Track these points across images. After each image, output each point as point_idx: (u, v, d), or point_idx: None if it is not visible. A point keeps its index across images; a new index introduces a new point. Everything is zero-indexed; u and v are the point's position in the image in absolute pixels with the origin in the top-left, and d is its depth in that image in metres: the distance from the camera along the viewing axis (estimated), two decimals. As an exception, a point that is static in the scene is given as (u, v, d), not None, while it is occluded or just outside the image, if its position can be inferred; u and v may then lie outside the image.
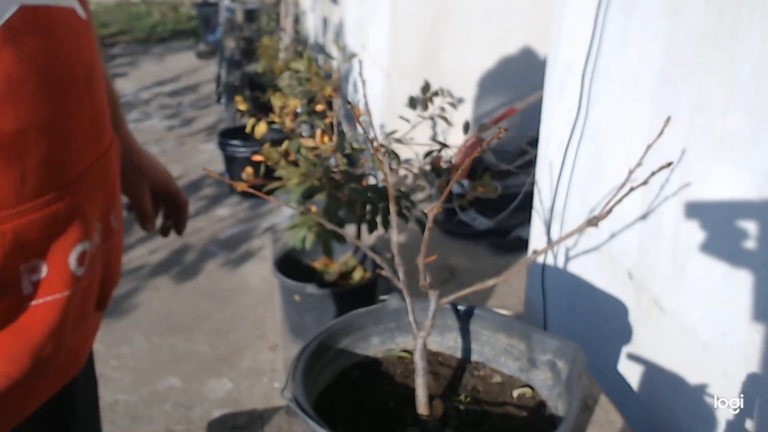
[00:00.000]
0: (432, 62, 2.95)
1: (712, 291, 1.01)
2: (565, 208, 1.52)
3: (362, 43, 3.53)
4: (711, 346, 1.02)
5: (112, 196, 0.72)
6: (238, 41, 4.09)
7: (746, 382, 0.95)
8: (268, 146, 1.69)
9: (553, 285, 1.59)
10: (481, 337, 0.87)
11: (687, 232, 1.06)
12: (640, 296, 1.22)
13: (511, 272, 0.70)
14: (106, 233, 0.71)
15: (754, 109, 0.89)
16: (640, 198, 1.19)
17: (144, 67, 6.17)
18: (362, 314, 0.87)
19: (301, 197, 1.57)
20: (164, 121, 4.54)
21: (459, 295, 0.75)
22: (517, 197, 2.79)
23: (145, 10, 9.02)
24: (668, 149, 1.08)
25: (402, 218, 1.72)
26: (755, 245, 0.91)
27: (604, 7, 1.27)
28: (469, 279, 2.46)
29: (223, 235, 2.92)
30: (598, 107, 1.34)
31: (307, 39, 5.52)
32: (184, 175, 3.56)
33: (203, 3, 7.12)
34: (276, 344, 2.13)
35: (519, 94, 3.00)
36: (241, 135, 3.18)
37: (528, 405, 0.79)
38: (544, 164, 1.63)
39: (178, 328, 2.23)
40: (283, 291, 1.88)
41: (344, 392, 0.81)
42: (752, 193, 0.91)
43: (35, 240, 0.60)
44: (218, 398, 1.90)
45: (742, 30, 0.90)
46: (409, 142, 2.24)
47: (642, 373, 1.23)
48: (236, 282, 2.53)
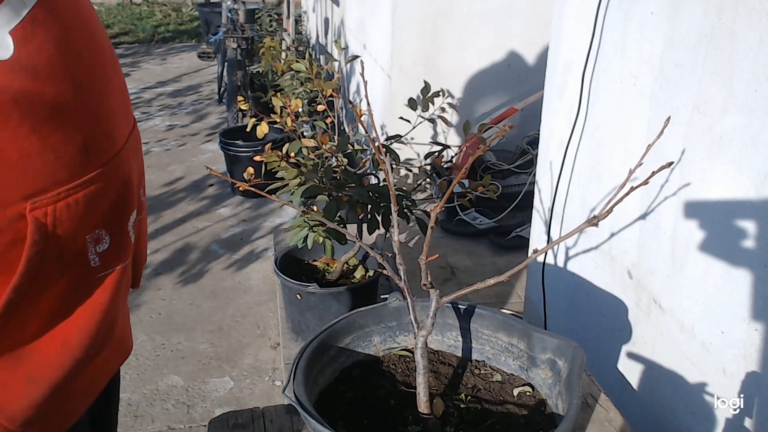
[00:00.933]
0: (432, 62, 2.95)
1: (711, 290, 1.01)
2: (565, 208, 1.53)
3: (363, 43, 3.54)
4: (710, 345, 1.02)
5: (141, 168, 0.74)
6: (239, 42, 4.09)
7: (745, 381, 0.95)
8: (269, 150, 1.70)
9: (553, 284, 1.60)
10: (482, 336, 0.87)
11: (686, 232, 1.06)
12: (639, 295, 1.22)
13: (512, 272, 0.71)
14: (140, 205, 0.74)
15: (752, 108, 0.90)
16: (639, 198, 1.19)
17: (146, 67, 6.18)
18: (363, 313, 0.87)
19: (303, 197, 1.58)
20: (166, 121, 4.55)
21: (459, 294, 0.76)
22: (517, 197, 2.79)
23: (148, 11, 9.02)
24: (667, 149, 1.09)
25: (403, 218, 1.72)
26: (754, 244, 0.92)
27: (604, 7, 1.28)
28: (469, 278, 2.46)
29: (225, 234, 2.92)
30: (598, 107, 1.35)
31: (309, 39, 5.53)
32: (186, 175, 3.57)
33: (205, 3, 7.13)
34: (277, 343, 2.14)
35: (519, 94, 3.00)
36: (242, 135, 3.18)
37: (528, 403, 0.80)
38: (544, 164, 1.63)
39: (179, 327, 2.24)
40: (284, 290, 1.89)
41: (345, 391, 0.82)
42: (751, 192, 0.91)
43: (100, 209, 0.62)
44: (220, 397, 1.91)
45: (741, 30, 0.91)
46: (410, 142, 2.24)
47: (641, 372, 1.24)
48: (238, 281, 2.54)
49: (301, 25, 5.94)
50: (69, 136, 0.58)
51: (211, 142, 4.07)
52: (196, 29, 7.88)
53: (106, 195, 0.63)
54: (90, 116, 0.60)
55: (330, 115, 1.97)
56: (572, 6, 1.44)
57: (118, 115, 0.66)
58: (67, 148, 0.57)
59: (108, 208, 0.64)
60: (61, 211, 0.57)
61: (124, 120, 0.68)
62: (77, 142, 0.58)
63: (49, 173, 0.56)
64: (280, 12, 5.36)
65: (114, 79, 0.65)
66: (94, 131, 0.61)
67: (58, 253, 0.59)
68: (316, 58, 4.93)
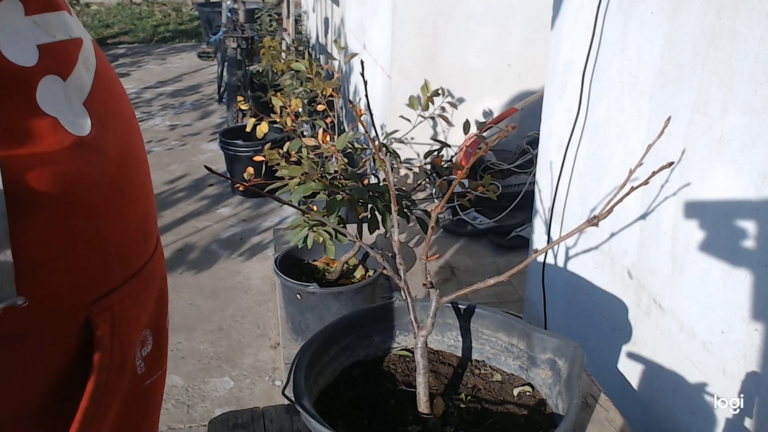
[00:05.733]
0: (433, 62, 2.95)
1: (710, 290, 1.01)
2: (565, 208, 1.53)
3: (363, 43, 3.54)
4: (710, 345, 1.02)
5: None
6: (239, 41, 4.09)
7: (745, 381, 0.95)
8: (269, 147, 1.70)
9: (553, 284, 1.60)
10: (482, 335, 0.87)
11: (686, 232, 1.06)
12: (639, 295, 1.22)
13: (512, 272, 0.71)
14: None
15: (752, 108, 0.90)
16: (639, 198, 1.19)
17: (146, 67, 6.17)
18: (363, 313, 0.87)
19: (303, 197, 1.58)
20: (166, 121, 4.55)
21: (459, 294, 0.76)
22: (517, 197, 2.79)
23: (148, 11, 9.02)
24: (667, 149, 1.09)
25: (403, 217, 1.72)
26: (754, 244, 0.92)
27: (604, 7, 1.28)
28: (469, 278, 2.46)
29: (225, 234, 2.92)
30: (598, 107, 1.35)
31: (309, 39, 5.53)
32: (187, 175, 3.57)
33: (205, 3, 7.13)
34: (277, 343, 2.14)
35: (519, 94, 3.00)
36: (242, 135, 3.18)
37: (528, 403, 0.80)
38: (544, 164, 1.63)
39: (179, 327, 2.24)
40: (284, 290, 1.89)
41: (345, 391, 0.82)
42: (751, 192, 0.91)
43: (147, 306, 0.56)
44: (220, 397, 1.91)
45: (741, 30, 0.91)
46: (410, 141, 2.24)
47: (641, 372, 1.24)
48: (238, 281, 2.54)
49: (301, 24, 5.93)
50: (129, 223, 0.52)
51: (211, 142, 4.07)
52: (196, 29, 7.88)
53: (150, 290, 0.57)
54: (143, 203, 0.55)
55: (330, 114, 1.97)
56: (572, 6, 1.44)
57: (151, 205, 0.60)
58: (127, 239, 0.52)
59: (153, 305, 0.58)
60: (120, 312, 0.51)
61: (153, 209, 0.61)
62: (138, 232, 0.53)
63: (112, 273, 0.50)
64: (280, 12, 5.36)
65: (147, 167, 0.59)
66: (147, 219, 0.55)
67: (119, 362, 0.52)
68: (315, 58, 4.93)
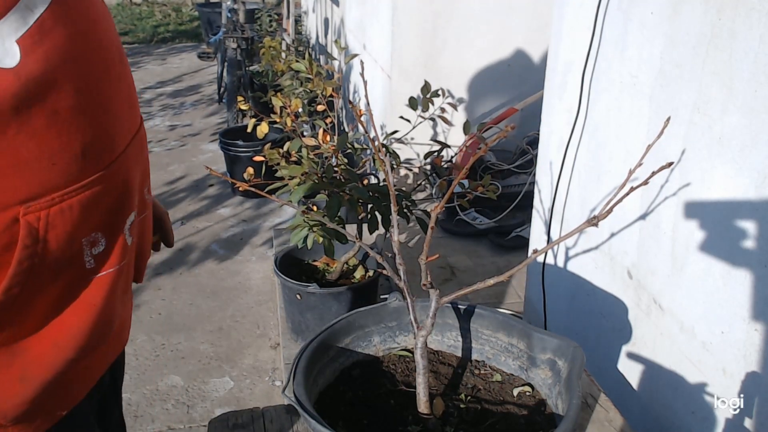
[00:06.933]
0: (432, 62, 2.95)
1: (710, 290, 1.01)
2: (565, 208, 1.53)
3: (363, 43, 3.54)
4: (710, 345, 1.02)
5: (146, 169, 0.75)
6: (239, 42, 4.09)
7: (745, 381, 0.95)
8: (269, 147, 1.70)
9: (553, 284, 1.60)
10: (482, 336, 0.87)
11: (686, 232, 1.06)
12: (639, 295, 1.22)
13: (512, 272, 0.71)
14: (142, 205, 0.74)
15: (752, 108, 0.90)
16: (639, 198, 1.19)
17: (146, 68, 6.18)
18: (363, 313, 0.87)
19: (303, 197, 1.58)
20: (166, 121, 4.55)
21: (459, 294, 0.76)
22: (517, 197, 2.79)
23: (148, 11, 9.02)
24: (667, 149, 1.09)
25: (403, 218, 1.72)
26: (754, 244, 0.92)
27: (603, 7, 1.28)
28: (469, 278, 2.46)
29: (225, 234, 2.92)
30: (597, 107, 1.35)
31: (309, 39, 5.53)
32: (187, 175, 3.57)
33: (205, 3, 7.13)
34: (277, 343, 2.14)
35: (519, 94, 3.00)
36: (242, 135, 3.18)
37: (528, 403, 0.80)
38: (544, 164, 1.63)
39: (179, 327, 2.24)
40: (284, 290, 1.89)
41: (345, 391, 0.82)
42: (751, 192, 0.91)
43: (96, 213, 0.63)
44: (220, 397, 1.91)
45: (741, 30, 0.91)
46: (410, 142, 2.24)
47: (641, 372, 1.24)
48: (238, 281, 2.54)
49: (301, 25, 5.93)
50: (67, 143, 0.58)
51: (212, 143, 4.07)
52: (196, 29, 7.88)
53: (103, 199, 0.63)
54: (90, 123, 0.60)
55: (330, 114, 1.97)
56: (572, 6, 1.44)
57: (121, 120, 0.66)
58: (65, 154, 0.58)
59: (105, 212, 0.64)
60: (54, 215, 0.58)
61: (128, 122, 0.68)
62: (75, 149, 0.58)
63: (44, 179, 0.57)
64: (280, 12, 5.36)
65: (119, 83, 0.65)
66: (94, 137, 0.61)
67: (51, 257, 0.59)
68: (315, 58, 4.93)
